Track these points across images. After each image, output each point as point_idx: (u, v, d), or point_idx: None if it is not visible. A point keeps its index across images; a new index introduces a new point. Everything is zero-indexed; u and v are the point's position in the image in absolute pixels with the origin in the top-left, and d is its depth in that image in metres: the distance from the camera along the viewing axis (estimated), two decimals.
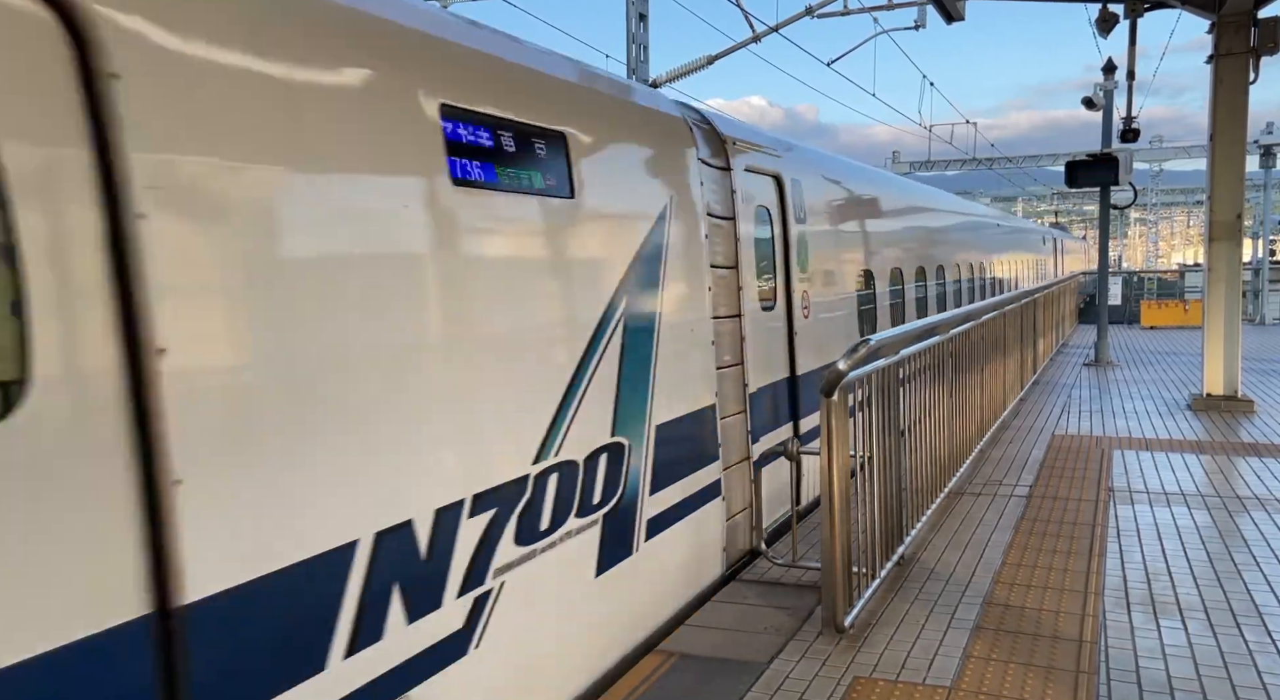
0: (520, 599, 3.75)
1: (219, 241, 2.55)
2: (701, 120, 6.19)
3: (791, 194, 7.24)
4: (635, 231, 4.85)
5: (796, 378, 7.10)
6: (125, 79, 2.30)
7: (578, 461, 4.19)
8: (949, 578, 5.73)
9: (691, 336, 5.44)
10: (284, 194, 2.77)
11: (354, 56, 3.12)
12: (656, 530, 4.93)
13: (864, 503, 5.16)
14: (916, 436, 6.17)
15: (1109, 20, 13.30)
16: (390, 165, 3.21)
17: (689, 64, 15.22)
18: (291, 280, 2.76)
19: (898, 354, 5.61)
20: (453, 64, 3.72)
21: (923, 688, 4.30)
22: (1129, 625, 4.95)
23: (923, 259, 12.25)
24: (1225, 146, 11.71)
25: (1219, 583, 5.57)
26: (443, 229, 3.42)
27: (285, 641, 2.70)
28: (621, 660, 4.65)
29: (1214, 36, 11.57)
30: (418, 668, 3.19)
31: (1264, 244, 29.93)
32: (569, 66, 4.76)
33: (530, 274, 3.97)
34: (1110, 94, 18.00)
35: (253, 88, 2.69)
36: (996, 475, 8.37)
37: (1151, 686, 4.26)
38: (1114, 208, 19.16)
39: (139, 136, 2.32)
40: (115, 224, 2.27)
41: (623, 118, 5.08)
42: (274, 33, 2.83)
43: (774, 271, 6.99)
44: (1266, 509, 7.13)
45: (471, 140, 3.60)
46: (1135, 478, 8.19)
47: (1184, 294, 28.98)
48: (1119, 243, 64.68)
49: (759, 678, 4.45)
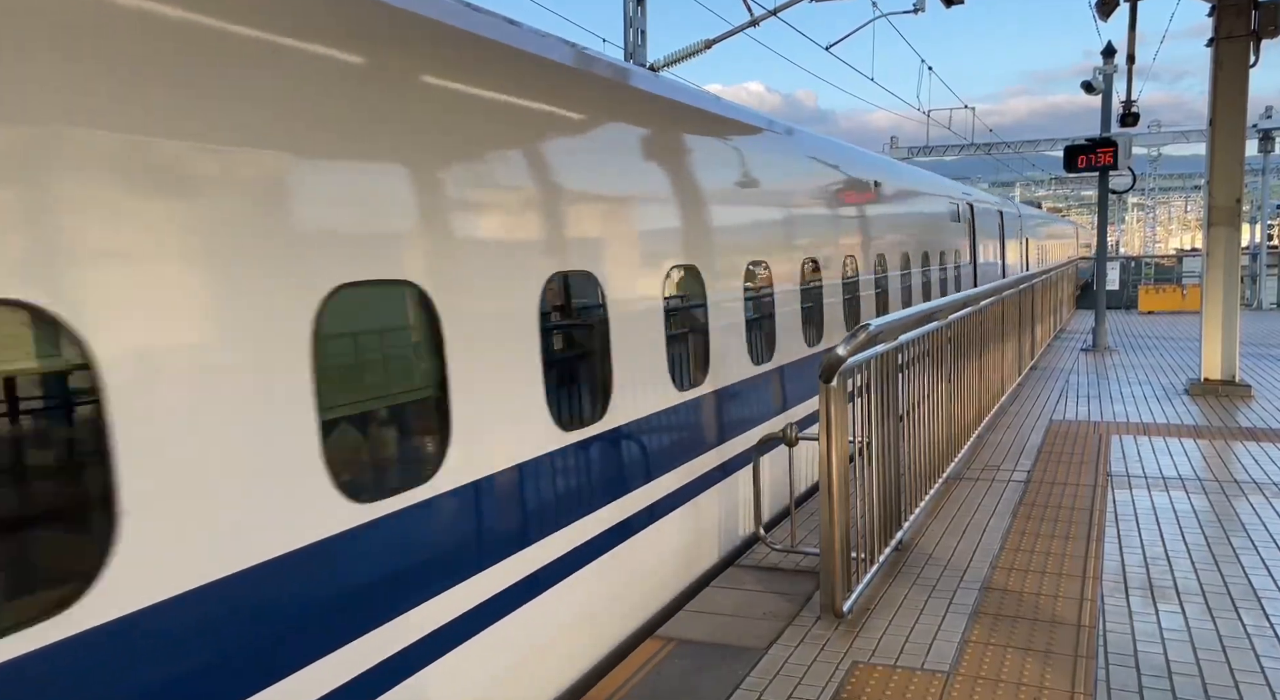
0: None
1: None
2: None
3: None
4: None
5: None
6: None
7: None
8: (947, 563, 5.73)
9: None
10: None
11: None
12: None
13: (862, 488, 5.15)
14: (915, 422, 6.16)
15: (1109, 4, 13.21)
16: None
17: (687, 48, 15.13)
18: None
19: (896, 340, 5.59)
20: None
21: (921, 673, 4.30)
22: (1127, 610, 4.95)
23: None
24: (1225, 131, 11.67)
25: (1217, 567, 5.57)
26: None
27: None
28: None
29: (1214, 20, 11.51)
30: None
31: (1262, 229, 29.95)
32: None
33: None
34: (1110, 78, 17.91)
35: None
36: (995, 461, 8.37)
37: (1150, 670, 4.26)
38: (1112, 193, 19.11)
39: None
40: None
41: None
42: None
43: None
44: (1264, 493, 7.14)
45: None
46: (1133, 463, 8.19)
47: (1182, 279, 28.96)
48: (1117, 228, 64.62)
49: (757, 663, 4.45)
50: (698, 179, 6.19)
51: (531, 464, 4.22)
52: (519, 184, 4.28)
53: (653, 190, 5.65)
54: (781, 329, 7.37)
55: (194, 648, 2.65)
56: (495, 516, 4.02)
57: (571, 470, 4.54)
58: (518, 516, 4.17)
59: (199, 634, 2.65)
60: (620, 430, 4.97)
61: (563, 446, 4.44)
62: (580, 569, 4.55)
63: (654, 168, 5.74)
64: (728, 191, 6.74)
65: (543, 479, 4.32)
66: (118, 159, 2.50)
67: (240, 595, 2.77)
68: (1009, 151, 39.94)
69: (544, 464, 4.32)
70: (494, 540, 3.99)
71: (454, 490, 3.70)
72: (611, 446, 4.91)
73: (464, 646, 3.73)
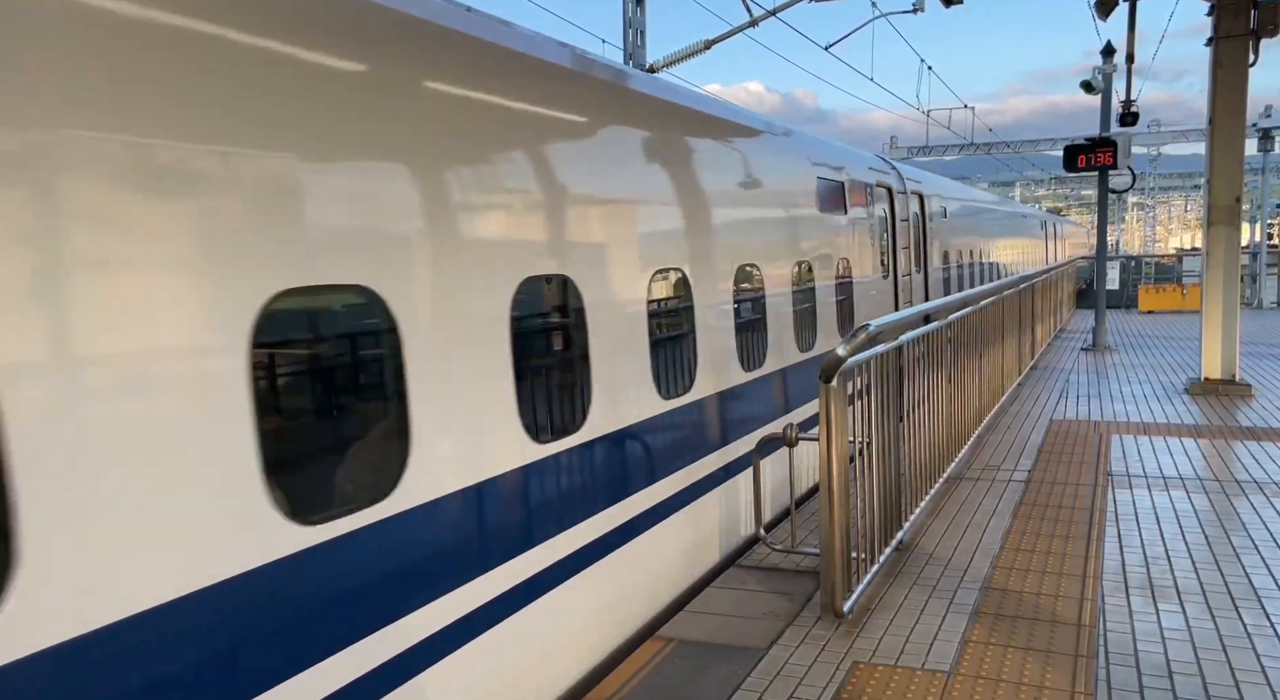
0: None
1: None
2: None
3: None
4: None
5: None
6: None
7: None
8: (948, 563, 5.73)
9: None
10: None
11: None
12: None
13: (863, 488, 5.15)
14: (915, 422, 6.16)
15: (1108, 3, 13.22)
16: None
17: (686, 49, 15.12)
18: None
19: (897, 340, 5.60)
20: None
21: (921, 672, 4.30)
22: (1127, 609, 4.95)
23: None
24: (1224, 130, 11.67)
25: (1217, 566, 5.57)
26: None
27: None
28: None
29: (1214, 19, 11.51)
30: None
31: (1262, 228, 29.93)
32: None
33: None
34: (1109, 77, 17.90)
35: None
36: (995, 461, 8.37)
37: (1150, 670, 4.26)
38: (1112, 192, 19.10)
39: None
40: None
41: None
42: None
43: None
44: (1265, 493, 7.14)
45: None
46: (1133, 462, 8.19)
47: (1182, 278, 28.95)
48: (1117, 227, 64.58)
49: (758, 663, 4.45)
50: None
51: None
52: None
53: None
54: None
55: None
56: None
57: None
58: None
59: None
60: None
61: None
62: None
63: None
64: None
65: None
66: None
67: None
68: (1009, 151, 39.94)
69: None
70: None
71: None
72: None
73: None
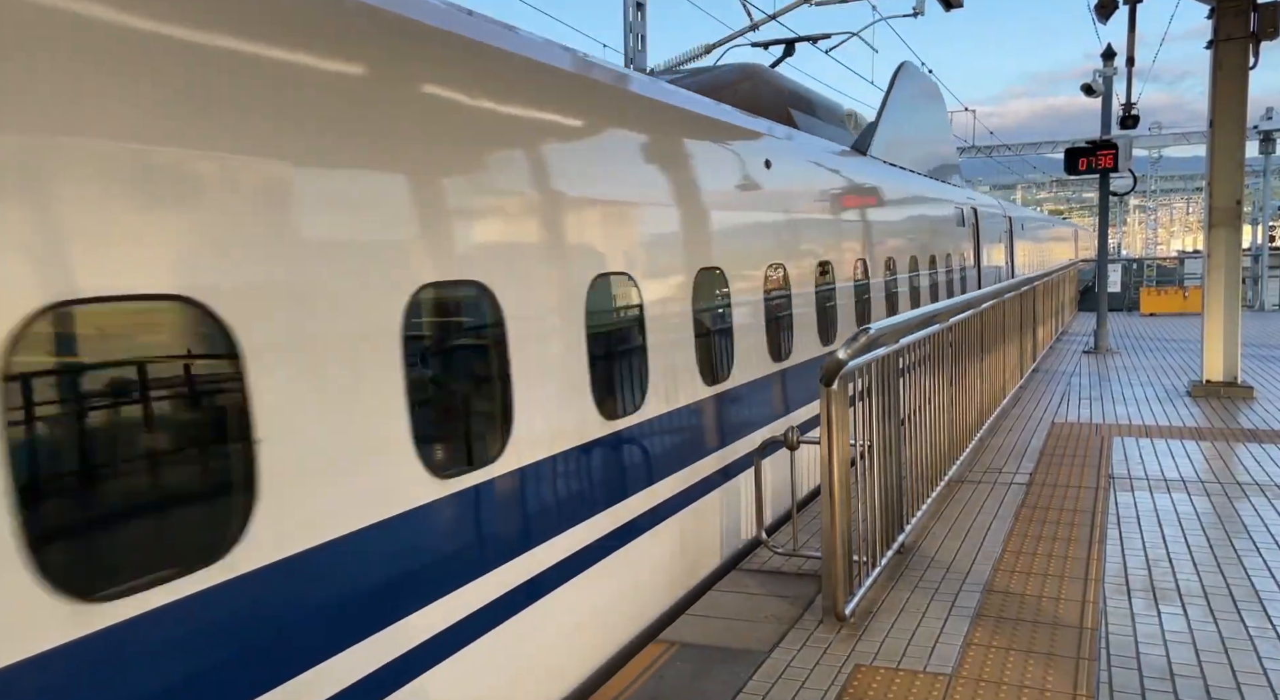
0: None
1: None
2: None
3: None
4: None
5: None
6: None
7: None
8: (949, 566, 5.73)
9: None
10: None
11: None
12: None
13: (864, 491, 5.16)
14: (916, 425, 6.16)
15: (1108, 6, 13.25)
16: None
17: (686, 53, 15.16)
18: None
19: (898, 342, 5.60)
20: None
21: (923, 675, 4.31)
22: (1129, 611, 4.96)
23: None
24: (1225, 132, 11.68)
25: (1219, 569, 5.57)
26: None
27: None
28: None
29: (1214, 22, 11.52)
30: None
31: (1263, 230, 29.89)
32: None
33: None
34: (1110, 80, 17.92)
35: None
36: (996, 463, 8.37)
37: (1152, 672, 4.26)
38: (1113, 195, 19.11)
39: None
40: None
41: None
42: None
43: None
44: (1266, 495, 7.14)
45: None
46: (1135, 465, 8.19)
47: (1183, 281, 28.95)
48: (1118, 230, 64.54)
49: (760, 666, 4.46)
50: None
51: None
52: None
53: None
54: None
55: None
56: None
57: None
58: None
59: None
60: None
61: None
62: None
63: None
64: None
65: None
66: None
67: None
68: (1009, 154, 39.96)
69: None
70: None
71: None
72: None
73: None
